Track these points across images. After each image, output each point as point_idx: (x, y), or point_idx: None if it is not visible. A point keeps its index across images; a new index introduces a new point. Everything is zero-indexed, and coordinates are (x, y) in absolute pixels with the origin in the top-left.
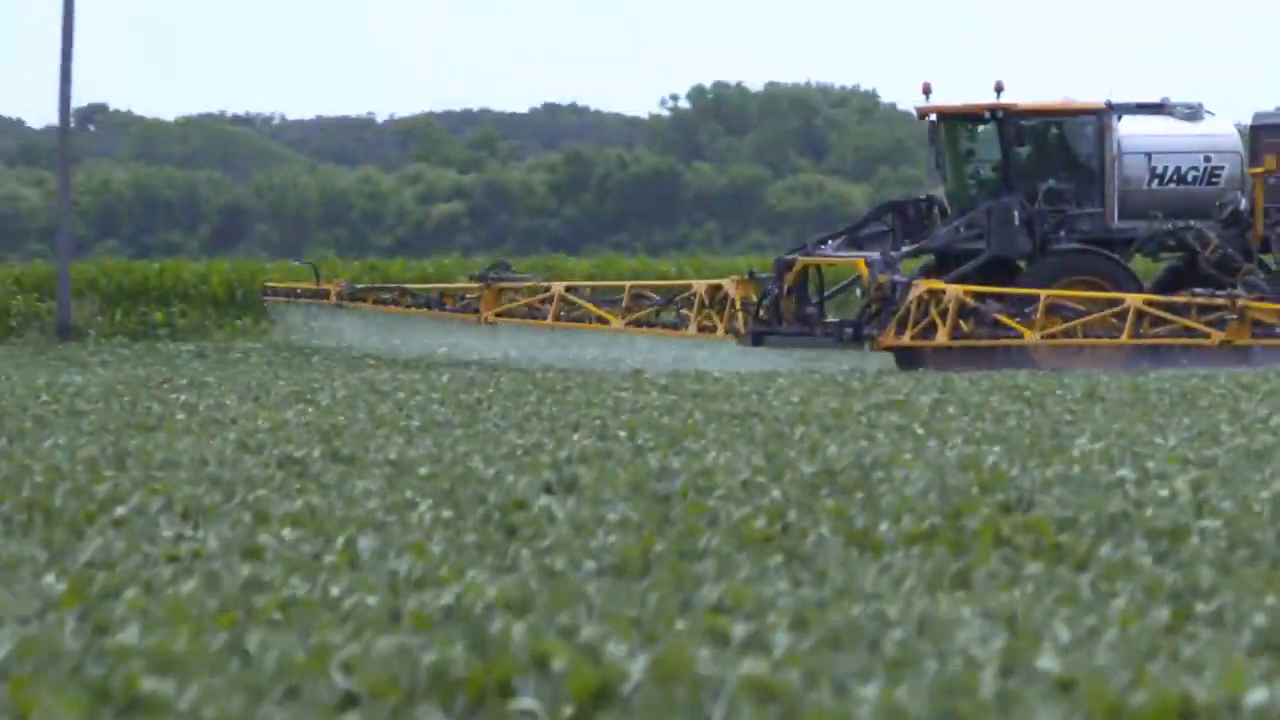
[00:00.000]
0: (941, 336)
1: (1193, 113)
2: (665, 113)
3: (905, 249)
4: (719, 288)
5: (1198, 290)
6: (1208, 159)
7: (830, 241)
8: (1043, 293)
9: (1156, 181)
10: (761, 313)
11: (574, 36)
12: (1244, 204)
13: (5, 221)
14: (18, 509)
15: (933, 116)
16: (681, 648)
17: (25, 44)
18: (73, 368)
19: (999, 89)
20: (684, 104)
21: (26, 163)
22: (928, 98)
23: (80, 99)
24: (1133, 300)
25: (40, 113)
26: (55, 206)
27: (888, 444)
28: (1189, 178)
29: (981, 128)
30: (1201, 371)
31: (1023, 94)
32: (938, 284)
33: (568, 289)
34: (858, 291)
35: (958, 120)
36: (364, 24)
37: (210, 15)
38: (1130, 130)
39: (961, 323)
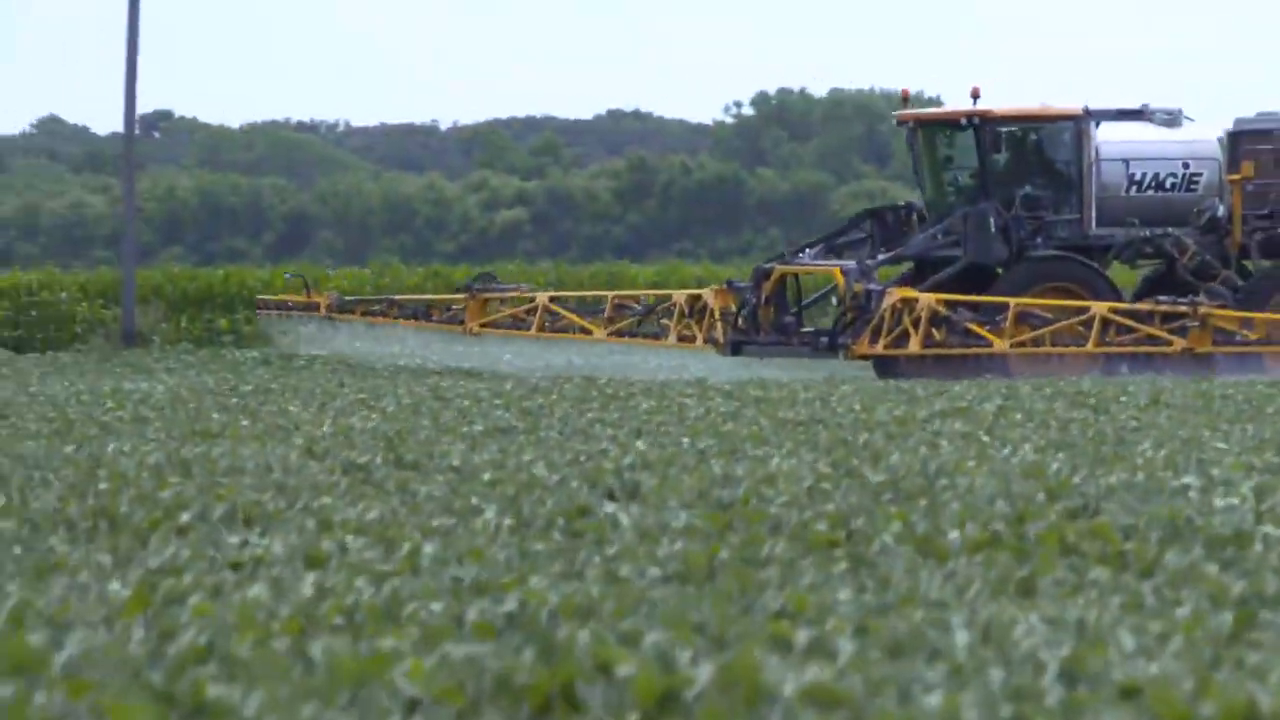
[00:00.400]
0: (914, 345)
1: (1172, 119)
2: (729, 119)
3: (882, 257)
4: (699, 297)
5: (1161, 298)
6: (1186, 165)
7: (808, 250)
8: (1012, 301)
9: (1134, 188)
10: (740, 322)
11: (636, 43)
12: (1222, 211)
13: (70, 228)
14: (83, 515)
15: (910, 124)
16: (747, 654)
17: (91, 51)
18: (138, 374)
19: (975, 95)
20: (747, 110)
21: (92, 169)
22: (906, 104)
23: (145, 106)
24: (1098, 308)
25: (105, 119)
26: (120, 213)
27: (952, 451)
28: (1167, 184)
29: (959, 134)
30: (1169, 378)
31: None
32: (911, 292)
33: (551, 299)
34: (833, 300)
35: (935, 127)
36: (428, 31)
37: (274, 22)
38: (1108, 136)
39: (934, 331)
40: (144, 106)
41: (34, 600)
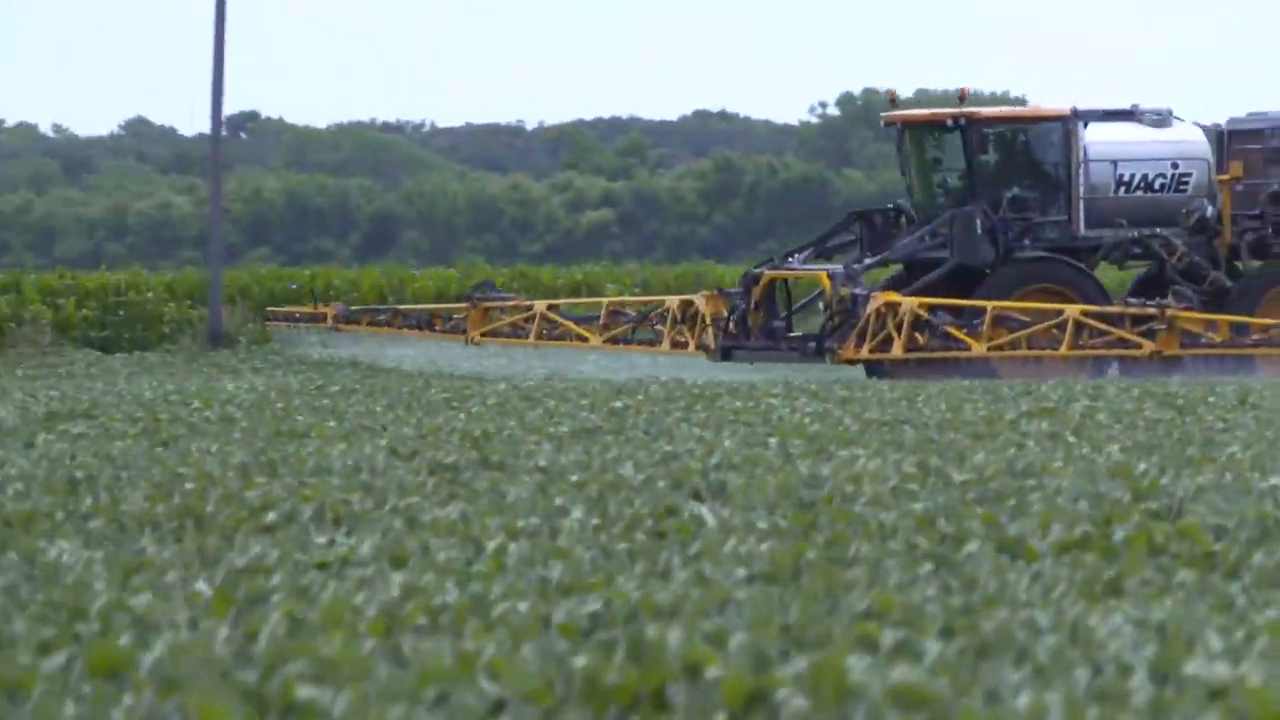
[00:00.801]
0: (897, 349)
1: (1161, 119)
2: (814, 119)
3: (869, 260)
4: (691, 303)
5: (1131, 300)
6: (1175, 166)
7: (798, 254)
8: (989, 304)
9: (1123, 189)
10: (731, 327)
11: (723, 44)
12: (1211, 211)
13: (158, 229)
14: (170, 515)
15: (898, 125)
16: (836, 656)
17: (177, 52)
18: (224, 374)
19: (961, 97)
20: (833, 111)
21: (179, 170)
22: (894, 105)
23: (232, 107)
24: (1071, 311)
25: (192, 121)
26: (207, 214)
27: (1038, 451)
28: (1156, 185)
29: (946, 136)
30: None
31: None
32: (895, 296)
33: (549, 307)
34: (820, 305)
35: (922, 129)
36: (514, 32)
37: (360, 23)
38: (1096, 137)
39: (917, 335)
40: (231, 107)
41: (123, 600)
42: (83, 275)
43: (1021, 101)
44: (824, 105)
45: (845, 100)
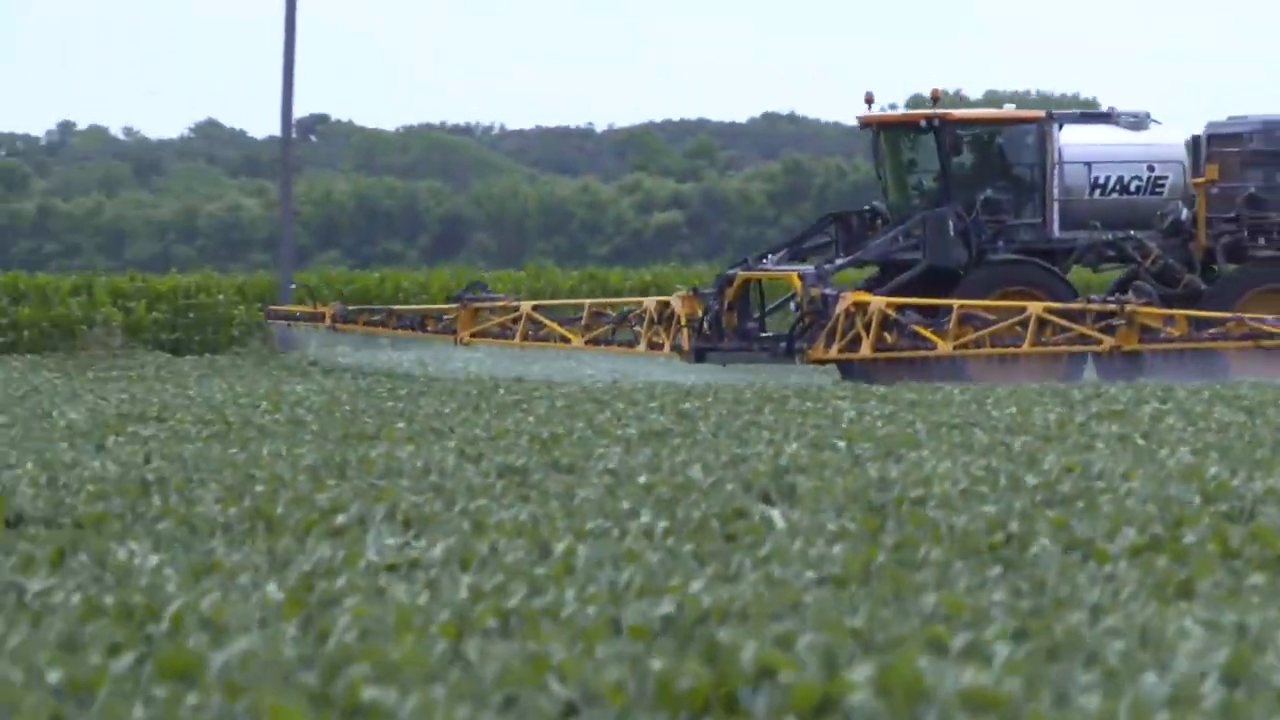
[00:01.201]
0: (865, 349)
1: (1138, 121)
2: None
3: (840, 260)
4: (667, 304)
5: (1092, 297)
6: (1151, 169)
7: (772, 255)
8: (956, 303)
9: (1098, 191)
10: (705, 328)
11: (792, 46)
12: (1185, 214)
13: (228, 231)
14: (240, 517)
15: (873, 127)
16: (906, 658)
17: (248, 56)
18: (293, 377)
19: (935, 98)
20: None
21: (249, 173)
22: (870, 107)
23: (302, 109)
24: (1034, 309)
25: (262, 123)
26: (277, 217)
27: (1108, 454)
28: (1131, 187)
29: (921, 137)
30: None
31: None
32: (864, 296)
33: (535, 308)
34: (791, 305)
35: (898, 130)
36: (583, 34)
37: (430, 26)
38: (1071, 139)
39: (886, 334)
40: (300, 110)
41: (196, 603)
42: (154, 278)
43: (1093, 104)
44: (893, 107)
45: (915, 103)
